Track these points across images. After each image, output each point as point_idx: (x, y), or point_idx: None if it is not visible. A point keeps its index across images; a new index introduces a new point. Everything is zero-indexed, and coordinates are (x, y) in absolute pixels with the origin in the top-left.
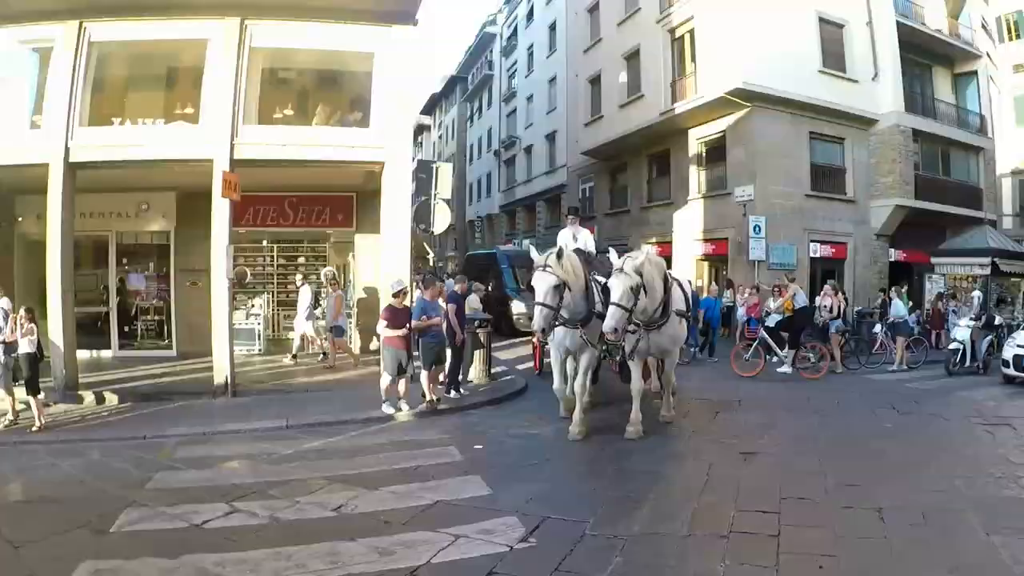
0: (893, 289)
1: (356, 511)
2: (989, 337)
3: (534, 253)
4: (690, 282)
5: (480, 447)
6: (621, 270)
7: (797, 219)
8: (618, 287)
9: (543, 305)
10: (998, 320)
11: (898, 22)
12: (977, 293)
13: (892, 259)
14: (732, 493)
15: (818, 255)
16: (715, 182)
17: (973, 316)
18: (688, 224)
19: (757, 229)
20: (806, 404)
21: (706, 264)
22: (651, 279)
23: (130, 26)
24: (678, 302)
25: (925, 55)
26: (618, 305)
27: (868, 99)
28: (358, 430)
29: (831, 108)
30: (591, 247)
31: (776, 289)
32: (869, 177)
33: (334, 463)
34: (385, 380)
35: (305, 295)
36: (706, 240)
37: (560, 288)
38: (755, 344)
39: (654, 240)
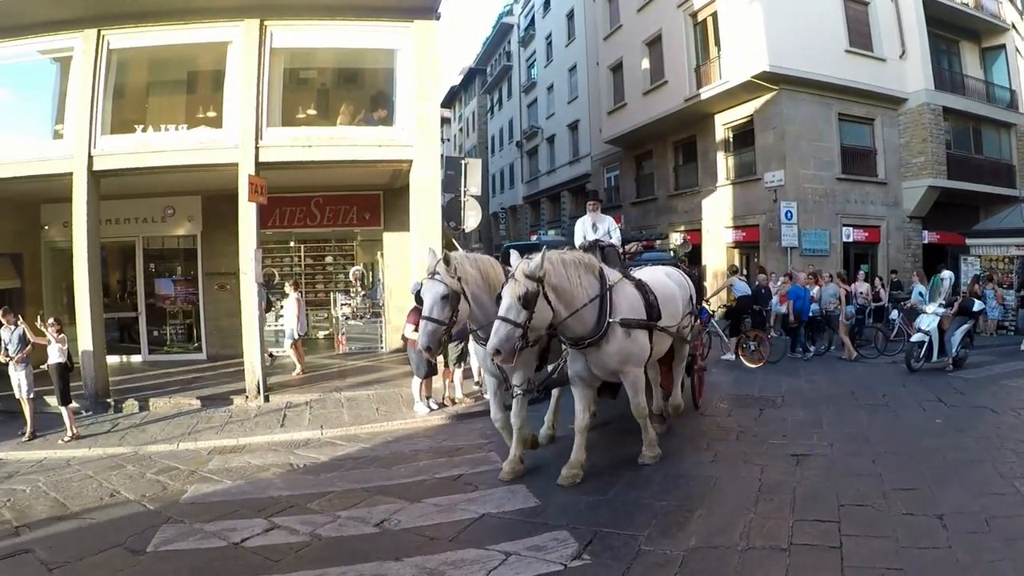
0: (915, 272)
1: (399, 526)
2: (964, 327)
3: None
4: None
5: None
6: (513, 275)
7: (829, 203)
8: (507, 296)
9: (428, 319)
10: (977, 306)
11: None
12: (948, 274)
13: (925, 241)
14: (788, 500)
15: (851, 239)
16: (743, 168)
17: (943, 302)
18: (717, 211)
19: (789, 215)
20: (851, 399)
21: (737, 251)
22: (562, 283)
23: (149, 32)
24: (627, 308)
25: (952, 30)
26: (503, 319)
27: (896, 78)
28: (394, 435)
29: (859, 88)
30: (615, 237)
31: (812, 276)
32: (900, 158)
33: (372, 472)
34: (416, 382)
35: (291, 302)
36: (736, 227)
37: (451, 299)
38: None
39: (682, 228)
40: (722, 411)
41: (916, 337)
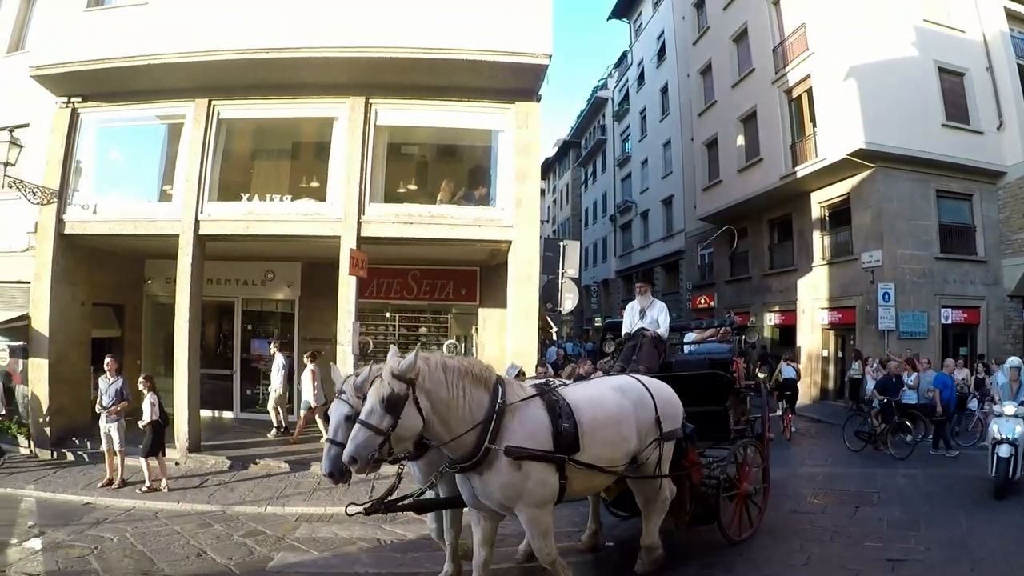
0: (995, 359)
1: None
2: None
3: None
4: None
5: (611, 544)
6: (379, 376)
7: (927, 284)
8: (370, 397)
9: (331, 442)
10: None
11: (1019, 64)
12: (1016, 361)
13: None
14: None
15: (949, 321)
16: (840, 247)
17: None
18: (812, 291)
19: (886, 296)
20: (949, 497)
21: (832, 333)
22: (438, 391)
23: (258, 105)
24: (522, 433)
25: None
26: (363, 423)
27: (994, 150)
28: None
29: (957, 163)
30: (663, 326)
31: (907, 363)
32: (999, 234)
33: None
34: None
35: (278, 364)
36: (831, 308)
37: (355, 420)
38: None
39: (777, 308)
40: (817, 507)
41: (1003, 452)
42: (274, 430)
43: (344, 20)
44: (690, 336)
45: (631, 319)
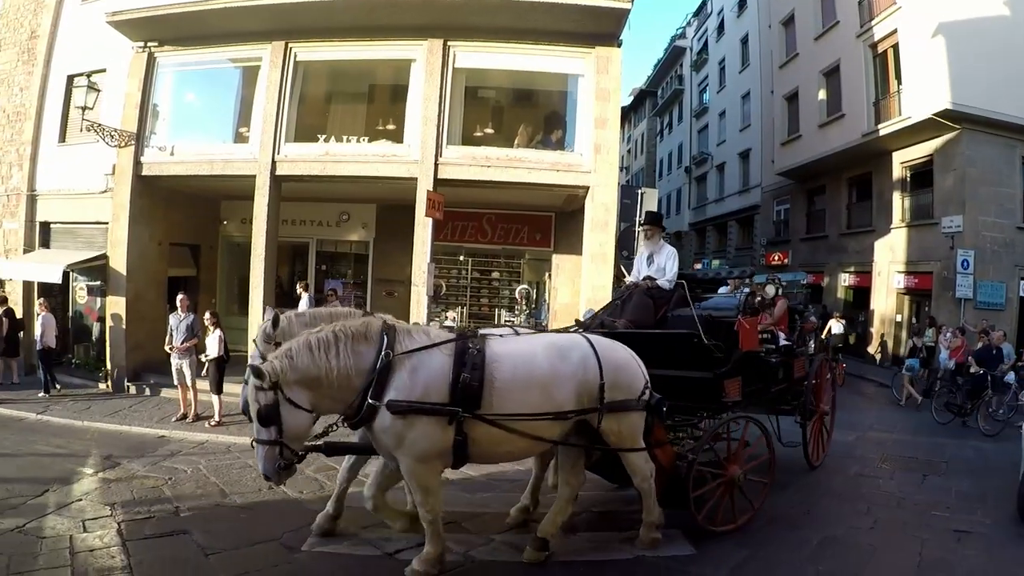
0: None
1: (552, 559)
2: None
3: None
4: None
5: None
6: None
7: (1007, 254)
8: (252, 415)
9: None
10: None
11: None
12: None
13: None
14: None
15: None
16: (920, 210)
17: None
18: (889, 254)
19: (965, 264)
20: (1018, 472)
21: (907, 299)
22: (309, 372)
23: (335, 48)
24: (413, 386)
25: None
26: (257, 441)
27: None
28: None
29: None
30: (671, 272)
31: (982, 334)
32: None
33: None
34: None
35: (303, 304)
36: (908, 272)
37: None
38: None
39: (852, 269)
40: (884, 472)
41: None
42: None
43: None
44: (723, 289)
45: (639, 266)
